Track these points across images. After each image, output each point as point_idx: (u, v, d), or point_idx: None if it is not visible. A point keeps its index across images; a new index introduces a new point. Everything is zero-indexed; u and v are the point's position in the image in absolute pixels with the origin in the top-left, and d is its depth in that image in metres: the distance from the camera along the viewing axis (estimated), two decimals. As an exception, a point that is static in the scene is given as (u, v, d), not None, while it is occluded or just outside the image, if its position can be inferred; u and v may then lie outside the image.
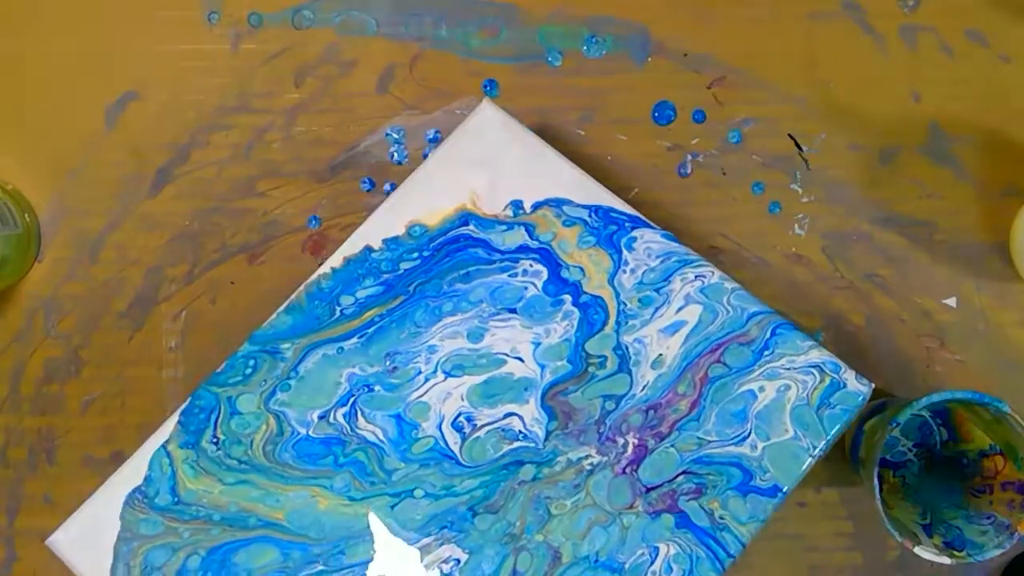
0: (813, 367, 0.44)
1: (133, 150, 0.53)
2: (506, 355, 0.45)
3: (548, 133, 0.52)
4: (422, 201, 0.46)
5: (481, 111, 0.47)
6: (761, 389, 0.44)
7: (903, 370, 0.51)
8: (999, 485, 0.46)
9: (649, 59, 0.53)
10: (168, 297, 0.52)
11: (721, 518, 0.43)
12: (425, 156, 0.52)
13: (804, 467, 0.43)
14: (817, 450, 0.43)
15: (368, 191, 0.52)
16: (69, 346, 0.52)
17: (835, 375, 0.44)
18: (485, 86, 0.53)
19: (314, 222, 0.52)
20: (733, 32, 0.53)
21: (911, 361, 0.51)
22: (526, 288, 0.46)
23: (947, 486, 0.49)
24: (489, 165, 0.46)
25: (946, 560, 0.43)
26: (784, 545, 0.51)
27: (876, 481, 0.43)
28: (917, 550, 0.43)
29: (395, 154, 0.53)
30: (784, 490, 0.43)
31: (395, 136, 0.53)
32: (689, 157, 0.52)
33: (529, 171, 0.47)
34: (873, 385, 0.44)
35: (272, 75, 0.53)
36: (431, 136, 0.53)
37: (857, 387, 0.44)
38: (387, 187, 0.52)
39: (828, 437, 0.43)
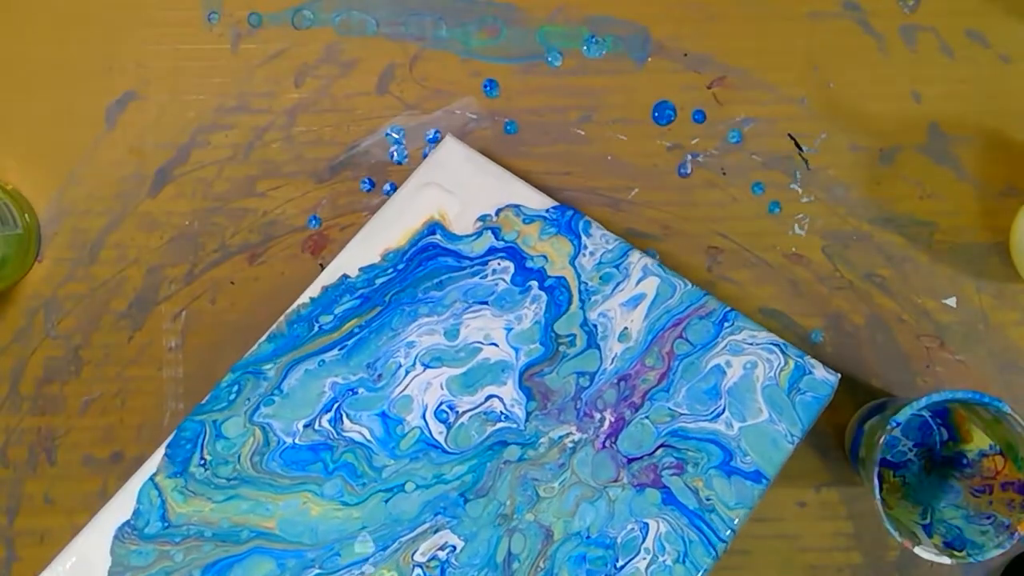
0: (775, 345, 0.46)
1: (133, 150, 0.53)
2: (480, 343, 0.46)
3: (548, 133, 0.53)
4: (395, 229, 0.48)
5: (444, 146, 0.49)
6: (728, 364, 0.46)
7: (903, 370, 0.51)
8: (999, 485, 0.46)
9: (649, 59, 0.53)
10: (168, 297, 0.52)
11: (708, 499, 0.44)
12: (425, 156, 0.53)
13: (785, 454, 0.44)
14: (796, 438, 0.44)
15: (368, 191, 0.52)
16: (69, 346, 0.52)
17: (799, 359, 0.45)
18: (485, 86, 0.53)
19: (314, 222, 0.52)
20: (733, 32, 0.53)
21: (911, 361, 0.51)
22: (496, 285, 0.47)
23: (947, 486, 0.49)
24: (457, 194, 0.48)
25: (946, 560, 0.43)
26: (783, 545, 0.51)
27: (876, 481, 0.43)
28: (917, 550, 0.43)
29: (395, 154, 0.53)
30: (768, 477, 0.44)
31: (395, 136, 0.53)
32: (689, 157, 0.52)
33: (494, 196, 0.48)
34: (840, 375, 0.46)
35: (272, 75, 0.53)
36: (431, 136, 0.53)
37: (825, 375, 0.45)
38: (387, 187, 0.52)
39: (804, 425, 0.45)
